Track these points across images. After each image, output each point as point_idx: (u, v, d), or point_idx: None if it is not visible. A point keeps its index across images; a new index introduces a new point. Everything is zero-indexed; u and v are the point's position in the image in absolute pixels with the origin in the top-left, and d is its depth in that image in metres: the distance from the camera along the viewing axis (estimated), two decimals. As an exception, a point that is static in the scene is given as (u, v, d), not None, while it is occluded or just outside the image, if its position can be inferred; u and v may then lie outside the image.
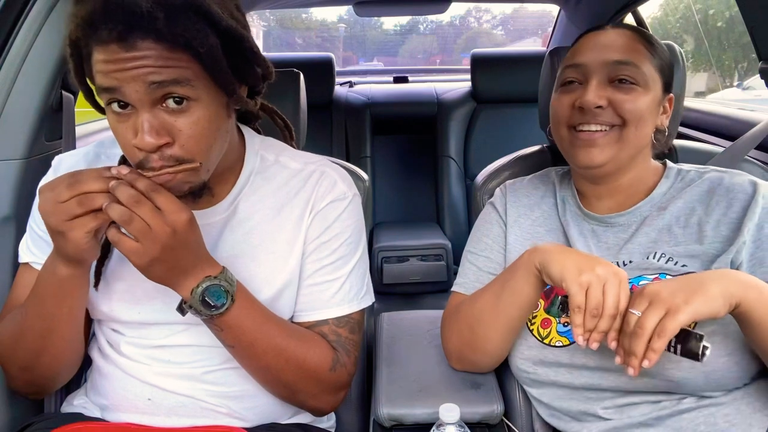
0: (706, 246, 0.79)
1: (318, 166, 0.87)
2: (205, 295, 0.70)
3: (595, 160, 0.83)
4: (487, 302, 0.86)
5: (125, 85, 0.63)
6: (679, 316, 0.64)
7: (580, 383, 0.82)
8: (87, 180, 0.64)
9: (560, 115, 0.86)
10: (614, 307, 0.69)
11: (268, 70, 0.76)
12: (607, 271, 0.70)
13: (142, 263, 0.66)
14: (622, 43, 0.83)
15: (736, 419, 0.73)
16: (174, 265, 0.68)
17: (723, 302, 0.66)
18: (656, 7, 3.38)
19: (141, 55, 0.62)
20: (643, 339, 0.66)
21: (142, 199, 0.64)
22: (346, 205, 0.85)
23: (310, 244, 0.83)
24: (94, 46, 0.64)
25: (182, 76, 0.65)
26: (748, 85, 3.51)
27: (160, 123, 0.66)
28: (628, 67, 0.81)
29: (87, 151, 0.87)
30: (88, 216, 0.65)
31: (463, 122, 2.25)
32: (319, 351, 0.81)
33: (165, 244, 0.65)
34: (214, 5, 0.65)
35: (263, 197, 0.83)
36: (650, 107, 0.83)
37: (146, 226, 0.64)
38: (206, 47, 0.64)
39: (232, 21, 0.67)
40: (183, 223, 0.66)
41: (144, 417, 0.80)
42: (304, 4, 2.41)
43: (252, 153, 0.85)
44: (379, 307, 1.79)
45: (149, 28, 0.61)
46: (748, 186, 0.81)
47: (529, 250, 0.80)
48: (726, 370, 0.73)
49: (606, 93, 0.81)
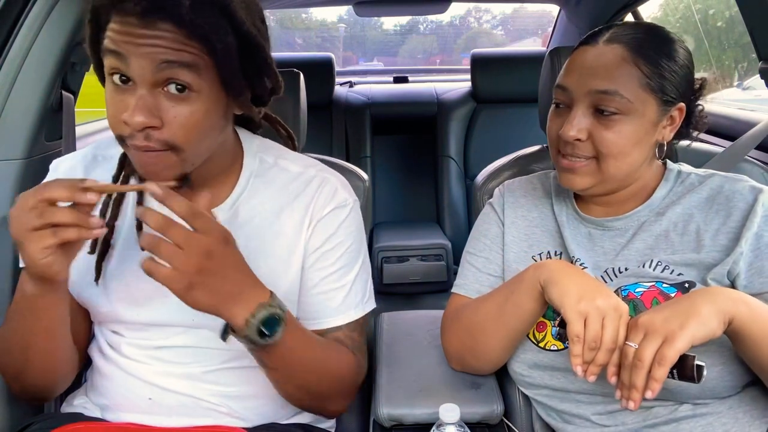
0: (703, 255, 0.79)
1: (318, 172, 0.86)
2: (262, 325, 0.66)
3: (576, 186, 0.84)
4: (490, 312, 0.85)
5: (133, 58, 0.64)
6: (677, 343, 0.64)
7: (574, 387, 0.81)
8: (53, 186, 0.62)
9: (551, 138, 0.86)
10: (612, 341, 0.68)
11: (277, 84, 0.76)
12: (607, 304, 0.69)
13: (179, 289, 0.61)
14: (609, 65, 0.78)
15: (734, 428, 0.73)
16: (217, 291, 0.63)
17: (717, 322, 0.65)
18: (656, 7, 3.37)
19: (157, 35, 0.63)
20: (643, 371, 0.65)
21: (170, 221, 0.60)
22: (348, 213, 0.85)
23: (313, 253, 0.83)
24: (114, 15, 0.64)
25: (193, 61, 0.65)
26: (748, 85, 3.50)
27: (155, 105, 0.65)
28: (610, 97, 0.77)
29: (84, 153, 0.87)
30: (46, 231, 0.61)
31: (463, 122, 2.25)
32: (347, 358, 0.83)
33: (201, 268, 0.61)
34: (241, 9, 0.66)
35: (263, 200, 0.83)
36: (637, 135, 0.79)
37: (176, 249, 0.60)
38: (223, 44, 0.65)
39: (253, 28, 0.68)
40: (219, 243, 0.62)
41: (144, 416, 0.80)
42: (304, 4, 2.42)
43: (251, 155, 0.85)
44: (379, 307, 1.78)
45: (172, 12, 0.62)
46: (749, 194, 0.80)
47: (535, 266, 0.80)
48: (720, 379, 0.73)
49: (587, 124, 0.79)
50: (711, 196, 0.83)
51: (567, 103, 0.83)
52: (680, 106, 0.82)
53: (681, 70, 0.80)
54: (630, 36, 0.80)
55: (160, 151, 0.67)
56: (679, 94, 0.81)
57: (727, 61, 3.86)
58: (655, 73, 0.78)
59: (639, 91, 0.78)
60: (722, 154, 1.09)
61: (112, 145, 0.85)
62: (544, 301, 0.78)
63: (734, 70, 3.87)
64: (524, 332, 0.85)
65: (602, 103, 0.78)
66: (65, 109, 1.06)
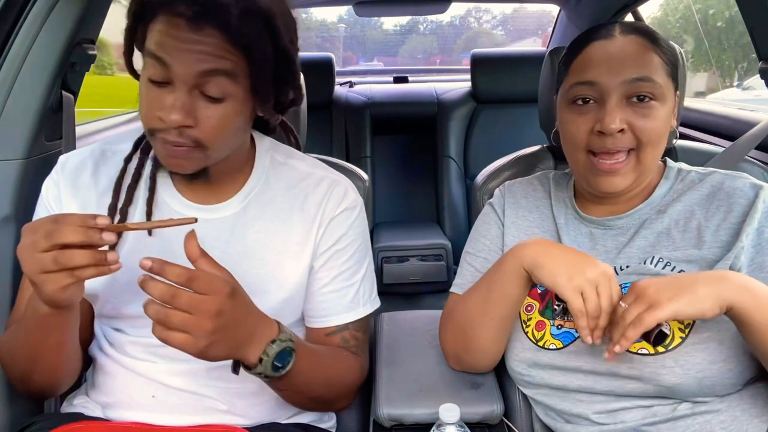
0: (705, 251, 0.79)
1: (327, 173, 0.89)
2: (275, 360, 0.68)
3: (619, 188, 0.82)
4: (476, 303, 0.87)
5: (176, 63, 0.65)
6: (658, 312, 0.66)
7: (573, 386, 0.81)
8: (65, 230, 0.59)
9: (578, 139, 0.82)
10: (609, 305, 0.72)
11: (299, 95, 0.80)
12: (596, 273, 0.72)
13: (197, 350, 0.61)
14: (636, 53, 0.79)
15: (732, 426, 0.73)
16: (232, 342, 0.64)
17: (711, 304, 0.66)
18: (656, 7, 3.38)
19: (203, 40, 0.65)
20: (620, 329, 0.69)
21: (174, 291, 0.59)
22: (357, 213, 0.88)
23: (325, 252, 0.85)
24: (162, 14, 0.66)
25: (233, 69, 0.67)
26: (748, 85, 3.50)
27: (191, 105, 0.67)
28: (646, 83, 0.77)
29: (93, 149, 0.87)
30: (63, 273, 0.60)
31: (463, 122, 2.25)
32: (352, 364, 0.86)
33: (216, 328, 0.61)
34: (282, 24, 0.69)
35: (274, 197, 0.84)
36: (667, 119, 0.81)
37: (187, 316, 0.59)
38: (262, 55, 0.68)
39: (290, 43, 0.71)
40: (226, 299, 0.62)
41: (147, 414, 0.80)
42: (304, 4, 2.41)
43: (263, 152, 0.87)
44: (379, 307, 1.78)
45: (222, 19, 0.64)
46: (749, 190, 0.81)
47: (512, 252, 0.81)
48: (720, 376, 0.73)
49: (625, 114, 0.78)
50: (712, 192, 0.83)
51: (596, 98, 0.80)
52: (678, 94, 0.85)
53: (680, 60, 0.85)
54: (643, 29, 0.83)
55: (190, 147, 0.70)
56: (677, 82, 0.84)
57: (727, 61, 3.86)
58: (669, 60, 0.81)
59: (665, 76, 0.80)
60: (722, 154, 1.09)
61: (122, 141, 0.86)
62: (527, 284, 0.81)
63: (734, 70, 3.88)
64: (512, 318, 0.85)
65: (639, 90, 0.78)
66: (65, 109, 1.06)
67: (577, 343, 0.81)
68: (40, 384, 0.80)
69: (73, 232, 0.59)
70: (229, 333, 0.63)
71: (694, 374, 0.72)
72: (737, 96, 3.59)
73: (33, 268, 0.60)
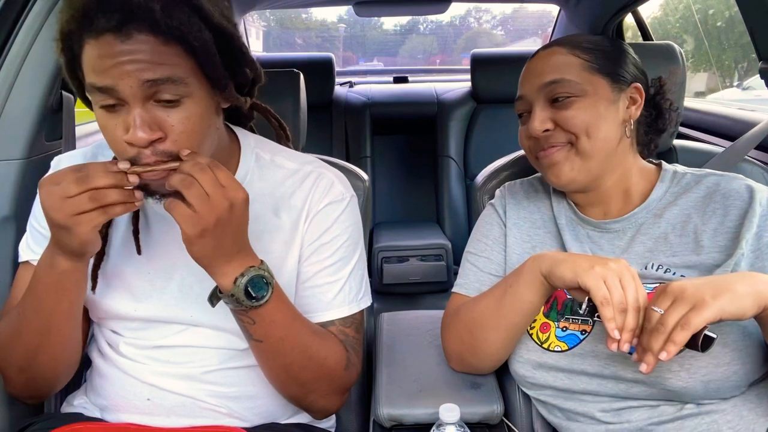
0: (704, 256, 0.79)
1: (315, 168, 0.87)
2: (249, 286, 0.69)
3: (563, 176, 0.85)
4: (489, 307, 0.85)
5: (119, 82, 0.63)
6: (705, 312, 0.62)
7: (578, 388, 0.81)
8: (96, 175, 0.65)
9: (524, 146, 0.92)
10: (636, 300, 0.68)
11: (257, 73, 0.76)
12: (619, 266, 0.70)
13: (193, 232, 0.65)
14: (549, 62, 0.87)
15: (740, 425, 0.73)
16: (220, 245, 0.67)
17: (752, 302, 0.64)
18: (656, 7, 3.38)
19: (136, 48, 0.62)
20: (663, 336, 0.64)
21: (205, 168, 0.65)
22: (345, 207, 0.85)
23: (309, 246, 0.83)
24: (88, 40, 0.63)
25: (175, 75, 0.65)
26: (748, 85, 3.50)
27: (152, 118, 0.65)
28: (558, 84, 0.84)
29: (85, 152, 0.87)
30: (96, 211, 0.65)
31: (463, 122, 2.25)
32: (336, 349, 0.82)
33: (219, 217, 0.65)
34: (206, 2, 0.66)
35: (260, 197, 0.83)
36: (596, 110, 0.83)
37: (205, 194, 0.64)
38: (200, 41, 0.65)
39: (223, 19, 0.68)
40: (240, 201, 0.67)
41: (143, 417, 0.80)
42: (304, 4, 2.41)
43: (248, 152, 0.85)
44: (379, 307, 1.79)
45: (145, 19, 0.61)
46: (745, 192, 0.80)
47: (534, 257, 0.80)
48: (725, 379, 0.73)
49: (549, 115, 0.85)
50: (707, 194, 0.83)
51: (527, 109, 0.89)
52: (636, 86, 0.87)
53: (622, 55, 0.87)
54: (564, 40, 0.89)
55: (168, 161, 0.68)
56: (630, 75, 0.87)
57: (727, 61, 3.86)
58: (596, 57, 0.85)
59: (584, 73, 0.84)
60: (722, 154, 1.09)
61: None
62: (545, 291, 0.79)
63: (734, 70, 3.88)
64: (523, 327, 0.84)
65: (554, 92, 0.84)
66: (65, 109, 1.06)
67: (583, 346, 0.81)
68: (42, 370, 0.79)
69: (105, 176, 0.65)
70: (225, 234, 0.67)
71: (700, 378, 0.72)
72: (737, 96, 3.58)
73: (66, 212, 0.64)
